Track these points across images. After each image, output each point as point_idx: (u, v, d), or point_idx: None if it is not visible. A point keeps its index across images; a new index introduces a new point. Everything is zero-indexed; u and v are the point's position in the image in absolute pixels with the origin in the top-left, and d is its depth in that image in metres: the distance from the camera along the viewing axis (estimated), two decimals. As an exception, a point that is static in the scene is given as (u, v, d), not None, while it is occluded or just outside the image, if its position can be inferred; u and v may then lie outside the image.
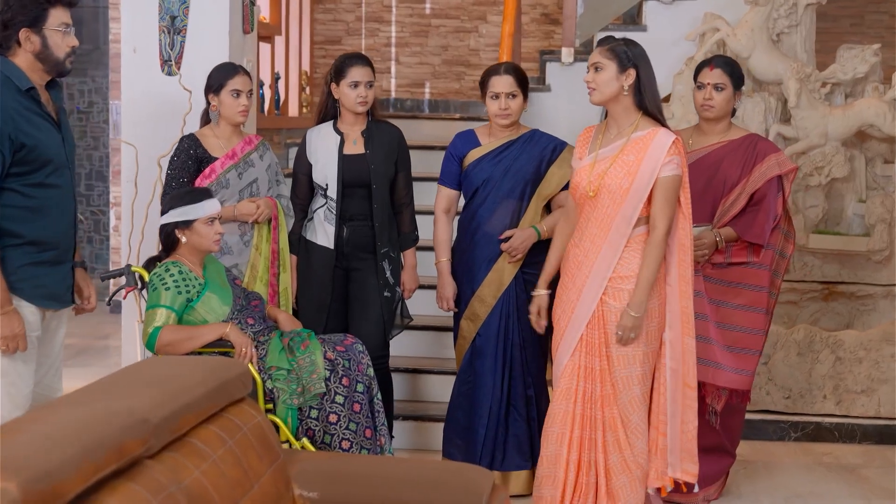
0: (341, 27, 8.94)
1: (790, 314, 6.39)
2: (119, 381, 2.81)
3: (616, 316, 4.08)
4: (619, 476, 4.14)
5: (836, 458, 5.57)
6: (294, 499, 3.07)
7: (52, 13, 3.84)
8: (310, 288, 4.96)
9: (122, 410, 2.40)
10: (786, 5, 6.46)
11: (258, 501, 2.81)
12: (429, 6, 8.89)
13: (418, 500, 3.05)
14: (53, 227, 3.90)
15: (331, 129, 4.95)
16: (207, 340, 4.12)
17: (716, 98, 4.69)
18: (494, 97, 4.75)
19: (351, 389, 4.23)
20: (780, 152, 4.73)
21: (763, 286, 4.67)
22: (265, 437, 3.03)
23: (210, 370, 2.98)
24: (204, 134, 4.81)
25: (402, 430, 5.47)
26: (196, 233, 4.24)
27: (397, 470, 3.22)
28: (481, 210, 4.79)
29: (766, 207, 4.63)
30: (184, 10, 5.73)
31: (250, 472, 2.84)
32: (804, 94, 6.29)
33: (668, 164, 4.03)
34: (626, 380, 4.10)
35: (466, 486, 3.10)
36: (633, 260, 4.09)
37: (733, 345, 4.63)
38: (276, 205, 4.81)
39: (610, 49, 4.10)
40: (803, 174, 6.38)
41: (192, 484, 2.54)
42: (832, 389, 5.95)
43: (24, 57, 3.86)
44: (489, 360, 4.79)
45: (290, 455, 3.21)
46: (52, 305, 3.97)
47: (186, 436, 2.71)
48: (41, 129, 3.84)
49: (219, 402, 2.92)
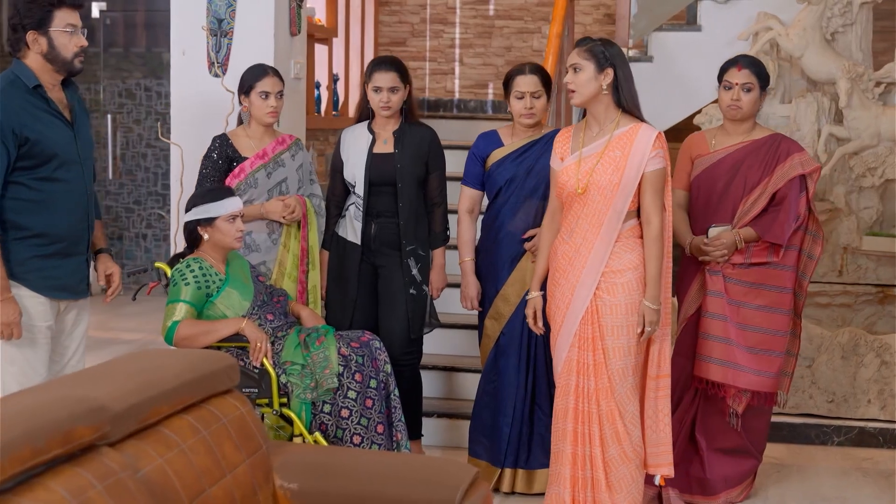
0: (406, 28, 9.02)
1: (845, 317, 6.30)
2: (99, 371, 2.91)
3: (610, 310, 4.16)
4: (619, 467, 4.20)
5: (874, 463, 5.48)
6: (275, 490, 3.14)
7: (57, 15, 4.00)
8: (338, 283, 5.05)
9: (76, 398, 2.48)
10: (840, 4, 6.36)
11: (230, 490, 2.88)
12: (492, 7, 8.93)
13: (394, 493, 3.10)
14: (60, 221, 4.04)
15: (364, 128, 5.04)
16: (224, 335, 4.22)
17: (744, 99, 4.66)
18: (519, 97, 4.79)
19: (364, 385, 4.29)
20: (803, 152, 4.68)
21: (786, 287, 4.62)
22: (246, 429, 3.10)
23: (191, 363, 3.06)
24: (236, 134, 4.92)
25: (435, 427, 5.53)
26: (218, 230, 4.35)
27: (377, 464, 3.27)
28: (504, 210, 4.83)
29: (787, 207, 4.58)
30: (230, 13, 5.85)
31: (224, 461, 2.91)
32: (856, 93, 6.20)
33: (653, 158, 4.12)
34: (621, 371, 4.17)
35: (444, 480, 3.13)
36: (625, 254, 4.17)
37: (755, 346, 4.58)
38: (307, 203, 4.90)
39: (587, 50, 4.16)
40: (856, 175, 6.29)
41: (152, 471, 2.62)
42: (877, 394, 5.84)
43: (33, 58, 4.03)
44: (513, 358, 4.83)
45: (276, 447, 3.29)
46: (62, 296, 4.11)
47: (158, 425, 2.80)
48: (47, 124, 3.99)
49: (197, 393, 3.00)
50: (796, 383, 5.90)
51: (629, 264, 4.17)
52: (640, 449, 4.25)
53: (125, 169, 10.32)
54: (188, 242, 4.45)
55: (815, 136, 6.32)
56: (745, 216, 4.63)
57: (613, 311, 4.16)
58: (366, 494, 3.11)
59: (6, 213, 3.97)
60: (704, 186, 4.70)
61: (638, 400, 4.24)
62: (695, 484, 4.80)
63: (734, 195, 4.65)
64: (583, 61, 4.17)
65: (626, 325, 4.16)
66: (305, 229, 4.90)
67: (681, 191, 4.76)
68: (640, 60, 7.12)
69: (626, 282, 4.16)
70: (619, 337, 4.16)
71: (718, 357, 4.59)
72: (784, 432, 5.81)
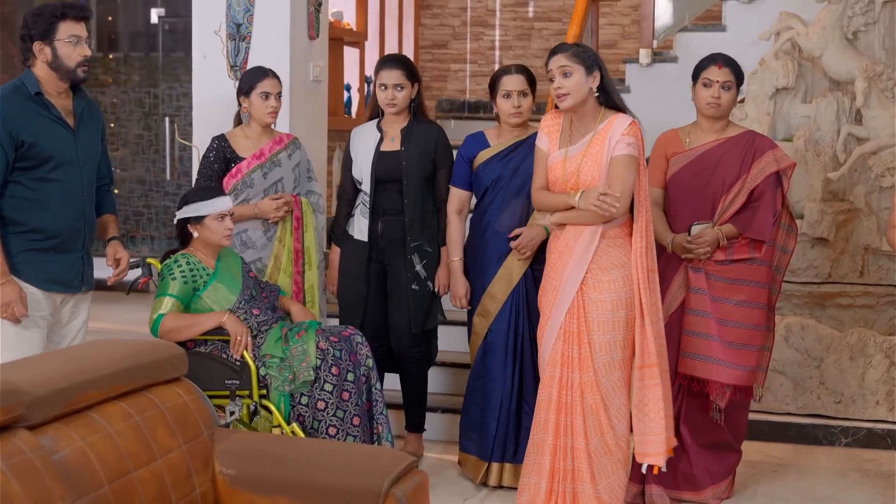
0: (447, 31, 9.14)
1: (867, 318, 6.25)
2: (39, 358, 3.08)
3: (595, 306, 4.24)
4: (602, 459, 4.27)
5: (877, 464, 5.43)
6: (214, 475, 3.27)
7: (61, 26, 4.25)
8: (347, 280, 5.18)
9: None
10: (862, 3, 6.32)
11: (159, 474, 3.01)
12: (532, 10, 9.00)
13: (325, 479, 3.20)
14: (55, 219, 4.28)
15: (373, 127, 5.17)
16: (206, 328, 4.39)
17: (723, 97, 4.70)
18: (506, 96, 4.89)
19: (340, 378, 4.41)
20: (777, 148, 4.72)
21: (763, 282, 4.67)
22: (187, 417, 3.24)
23: (132, 352, 3.21)
24: (234, 135, 5.08)
25: (439, 422, 5.64)
26: (207, 228, 4.51)
27: (314, 451, 3.38)
28: (491, 209, 4.92)
29: (766, 203, 4.62)
30: (248, 17, 6.04)
31: (155, 446, 3.05)
32: (874, 93, 6.16)
33: (618, 143, 4.19)
34: (607, 364, 4.24)
35: (375, 468, 3.23)
36: (612, 252, 4.25)
37: (734, 341, 4.62)
38: (301, 203, 5.03)
39: (573, 54, 4.25)
40: (875, 175, 6.24)
41: (71, 454, 2.76)
42: (885, 395, 5.80)
43: (40, 67, 4.29)
44: (500, 354, 4.91)
45: (222, 434, 3.40)
46: (55, 289, 4.34)
47: (88, 410, 2.95)
48: (46, 129, 4.24)
49: (136, 381, 3.14)
50: (804, 383, 5.88)
51: (616, 262, 4.25)
52: (624, 443, 4.31)
53: (182, 170, 10.59)
54: (179, 239, 4.62)
55: (835, 135, 6.28)
56: (725, 213, 4.67)
57: (599, 307, 4.25)
58: (297, 479, 3.22)
59: (4, 209, 4.23)
60: (681, 184, 4.74)
61: (625, 394, 4.30)
62: (681, 479, 4.83)
63: (713, 192, 4.69)
64: (573, 65, 4.25)
65: (611, 321, 4.24)
66: (299, 231, 5.03)
67: (657, 189, 4.80)
68: (665, 61, 7.15)
69: (612, 279, 4.25)
70: (604, 332, 4.25)
71: (701, 353, 4.63)
72: (791, 432, 5.80)
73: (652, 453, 4.26)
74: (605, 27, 8.62)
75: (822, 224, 6.19)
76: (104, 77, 11.06)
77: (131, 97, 10.55)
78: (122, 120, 10.60)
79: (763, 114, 6.47)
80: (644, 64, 7.23)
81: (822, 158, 6.27)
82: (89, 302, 4.57)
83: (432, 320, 5.20)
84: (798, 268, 6.24)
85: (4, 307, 4.17)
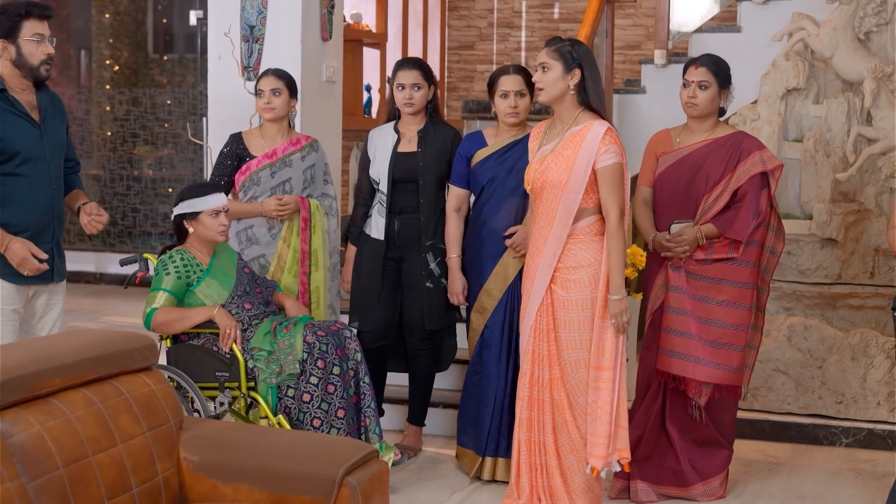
0: (474, 33, 9.23)
1: (878, 319, 6.24)
2: (9, 346, 3.22)
3: (562, 304, 4.30)
4: (569, 456, 4.36)
5: (874, 465, 5.44)
6: (179, 461, 3.40)
7: (25, 25, 4.35)
8: (362, 277, 5.30)
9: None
10: (874, 3, 6.31)
11: (119, 459, 3.14)
12: (557, 11, 9.06)
13: (283, 467, 3.32)
14: (23, 213, 4.35)
15: (391, 128, 5.30)
16: (197, 322, 4.52)
17: (699, 96, 4.75)
18: (504, 96, 4.99)
19: (326, 372, 4.53)
20: (764, 149, 4.74)
21: (748, 283, 4.69)
22: (153, 405, 3.36)
23: (100, 342, 3.34)
24: (251, 133, 5.24)
25: (442, 417, 5.74)
26: (202, 224, 4.64)
27: (276, 440, 3.50)
28: (487, 207, 5.01)
29: (748, 204, 4.65)
30: (261, 19, 6.17)
31: (117, 432, 3.17)
32: (883, 93, 6.16)
33: (604, 153, 4.23)
34: (573, 363, 4.30)
35: (332, 457, 3.34)
36: (580, 251, 4.30)
37: (716, 340, 4.66)
38: (310, 204, 5.15)
39: (556, 50, 4.29)
40: (885, 176, 6.23)
41: (27, 437, 2.89)
42: (886, 396, 5.80)
43: (4, 65, 4.38)
44: (495, 350, 5.00)
45: (190, 423, 3.53)
46: (21, 282, 4.39)
47: (49, 396, 3.08)
48: (12, 125, 4.32)
49: (102, 370, 3.27)
50: (806, 383, 5.90)
51: (584, 261, 4.30)
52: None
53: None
54: (176, 235, 4.76)
55: (845, 136, 6.28)
56: (707, 213, 4.71)
57: (565, 305, 4.31)
58: (258, 466, 3.33)
59: None
60: (668, 183, 4.80)
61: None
62: (669, 475, 4.88)
63: (697, 192, 4.74)
64: (551, 61, 4.33)
65: (577, 319, 4.30)
66: (307, 231, 5.13)
67: (646, 188, 4.86)
68: (681, 62, 7.16)
69: (578, 278, 4.30)
70: (570, 330, 4.31)
71: (679, 351, 4.68)
72: (792, 432, 5.82)
73: (596, 455, 4.27)
74: (629, 28, 8.68)
75: (832, 225, 6.19)
76: (160, 78, 11.30)
77: (178, 96, 10.77)
78: (172, 120, 10.81)
79: (774, 114, 6.48)
80: (659, 65, 7.27)
81: (831, 159, 6.27)
82: (63, 293, 4.65)
83: (448, 318, 5.30)
84: (808, 268, 6.25)
85: (22, 264, 4.27)
